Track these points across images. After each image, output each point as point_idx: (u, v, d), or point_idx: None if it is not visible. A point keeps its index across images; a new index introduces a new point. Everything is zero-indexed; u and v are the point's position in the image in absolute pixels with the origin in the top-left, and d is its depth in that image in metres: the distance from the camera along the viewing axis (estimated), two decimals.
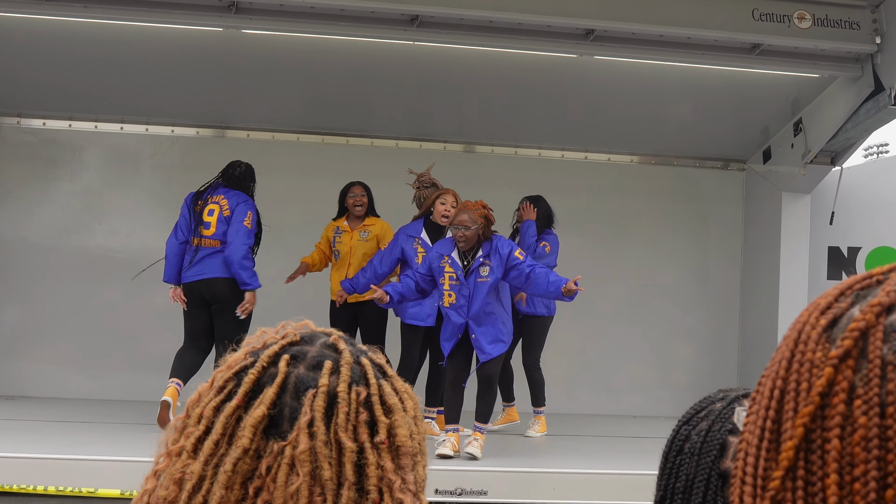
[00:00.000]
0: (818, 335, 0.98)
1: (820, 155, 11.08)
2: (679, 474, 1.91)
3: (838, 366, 0.94)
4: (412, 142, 12.05)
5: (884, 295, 0.96)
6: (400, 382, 1.50)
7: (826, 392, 0.94)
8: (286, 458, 1.36)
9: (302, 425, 1.37)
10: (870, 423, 0.91)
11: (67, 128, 11.77)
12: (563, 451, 9.14)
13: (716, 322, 12.53)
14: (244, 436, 1.37)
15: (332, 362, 1.44)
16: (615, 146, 12.41)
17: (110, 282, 11.67)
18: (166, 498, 1.39)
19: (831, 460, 0.92)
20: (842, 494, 0.91)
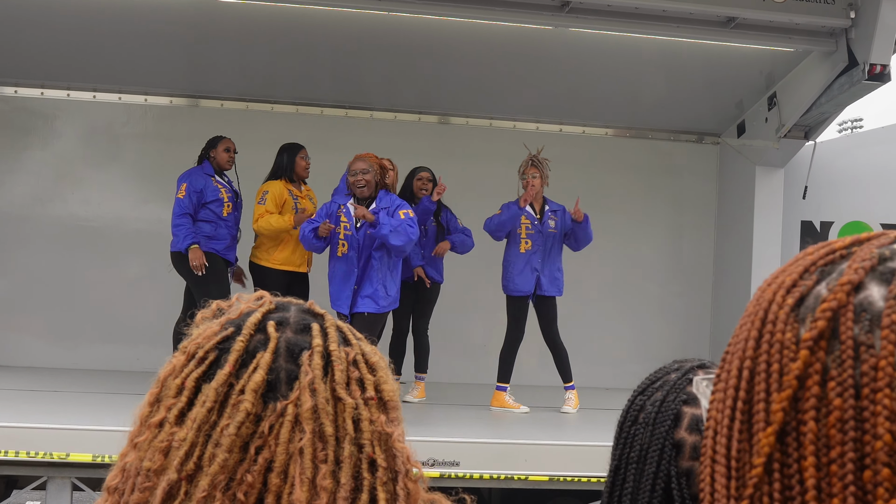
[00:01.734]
0: (786, 315, 0.98)
1: (794, 129, 11.12)
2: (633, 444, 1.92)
3: (812, 348, 0.94)
4: (386, 112, 12.04)
5: (852, 272, 0.95)
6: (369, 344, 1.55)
7: (802, 375, 0.94)
8: (289, 416, 1.39)
9: (304, 384, 1.41)
10: (845, 405, 0.91)
11: (39, 96, 11.70)
12: (535, 422, 9.18)
13: (689, 295, 12.59)
14: (246, 400, 1.40)
15: (319, 324, 1.49)
16: (590, 119, 12.43)
17: (83, 251, 11.63)
18: (150, 468, 1.41)
19: (808, 443, 0.92)
20: (819, 477, 0.92)
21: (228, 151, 9.81)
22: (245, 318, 1.49)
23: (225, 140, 9.86)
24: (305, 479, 1.37)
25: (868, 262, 0.96)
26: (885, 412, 0.89)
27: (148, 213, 11.63)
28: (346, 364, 1.45)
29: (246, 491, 1.37)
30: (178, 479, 1.38)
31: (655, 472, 1.86)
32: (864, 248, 0.99)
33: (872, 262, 0.96)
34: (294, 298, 1.58)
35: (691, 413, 1.89)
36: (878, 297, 0.93)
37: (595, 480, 7.44)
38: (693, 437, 1.86)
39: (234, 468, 1.38)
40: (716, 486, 1.01)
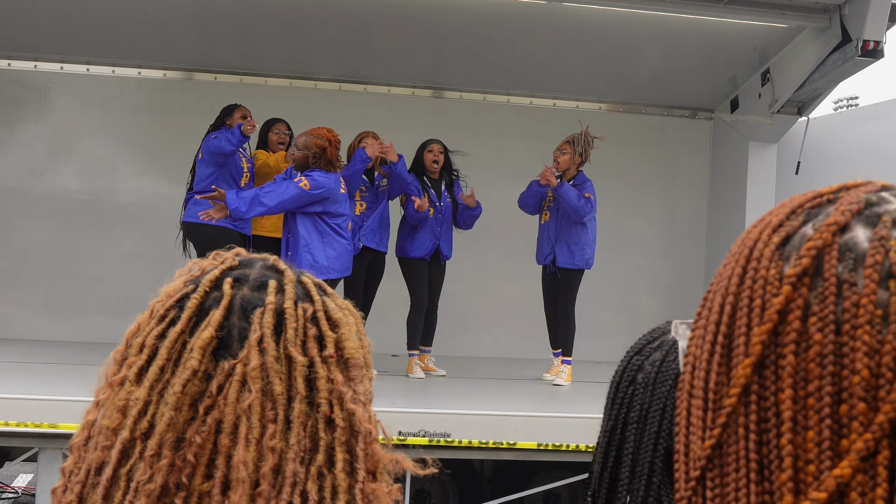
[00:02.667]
0: (771, 253, 0.99)
1: (787, 105, 11.11)
2: (632, 404, 1.92)
3: (795, 284, 0.96)
4: (380, 86, 12.01)
5: (839, 214, 0.97)
6: (340, 299, 1.52)
7: (783, 310, 0.96)
8: (237, 375, 1.37)
9: (252, 342, 1.38)
10: (825, 340, 0.93)
11: (33, 68, 11.66)
12: (525, 394, 9.20)
13: (682, 270, 12.59)
14: (193, 357, 1.38)
15: (276, 282, 1.46)
16: (583, 93, 12.39)
17: (78, 225, 11.62)
18: (109, 426, 1.39)
19: (786, 376, 0.94)
20: (795, 409, 0.93)
21: (246, 118, 9.83)
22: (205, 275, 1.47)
23: (242, 107, 9.85)
24: (253, 439, 1.34)
25: (855, 206, 0.98)
26: (864, 348, 0.91)
27: (142, 187, 11.64)
28: (302, 321, 1.42)
29: (196, 452, 1.35)
30: (131, 437, 1.37)
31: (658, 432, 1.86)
32: (850, 193, 1.01)
33: (859, 206, 0.98)
34: (268, 255, 1.55)
35: None
36: (863, 238, 0.95)
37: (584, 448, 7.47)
38: None
39: (183, 427, 1.36)
40: (691, 420, 1.03)
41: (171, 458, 1.35)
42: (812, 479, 0.92)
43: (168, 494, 1.35)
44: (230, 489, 1.34)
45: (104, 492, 1.37)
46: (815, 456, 0.92)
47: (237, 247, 1.58)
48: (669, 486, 1.82)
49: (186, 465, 1.35)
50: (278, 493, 1.34)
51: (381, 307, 10.26)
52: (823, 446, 0.92)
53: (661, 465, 1.83)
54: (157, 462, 1.35)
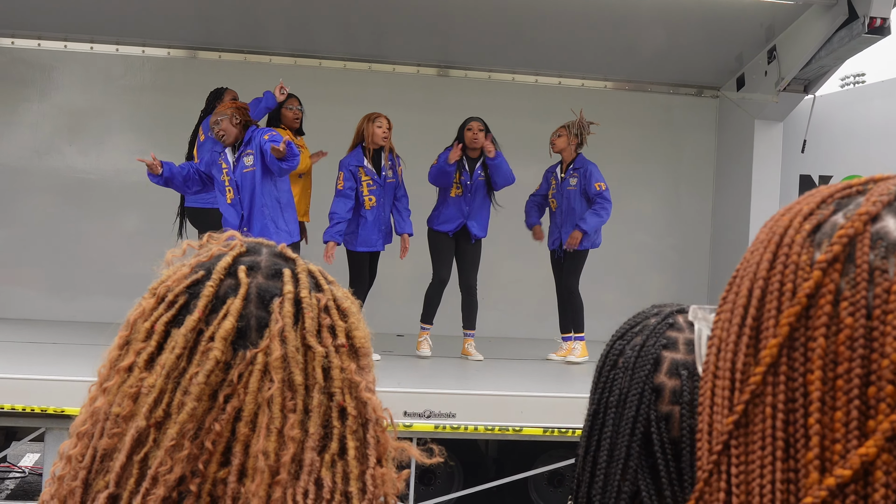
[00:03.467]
0: (802, 239, 1.01)
1: (793, 83, 11.08)
2: (613, 388, 1.93)
3: (826, 269, 0.98)
4: (385, 65, 12.00)
5: (870, 204, 0.99)
6: (342, 288, 1.53)
7: (813, 294, 0.98)
8: (258, 364, 1.38)
9: (274, 332, 1.39)
10: (856, 324, 0.95)
11: (36, 47, 11.65)
12: (531, 375, 9.21)
13: (687, 249, 12.59)
14: (216, 347, 1.38)
15: (290, 270, 1.47)
16: (589, 72, 12.38)
17: (82, 203, 11.63)
18: (119, 413, 1.39)
19: (816, 357, 0.96)
20: (824, 390, 0.96)
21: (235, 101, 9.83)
22: (216, 262, 1.47)
23: (230, 91, 9.86)
24: (273, 429, 1.36)
25: (886, 197, 1.00)
26: (894, 332, 0.94)
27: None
28: (317, 311, 1.43)
29: (214, 440, 1.36)
30: (146, 426, 1.37)
31: (635, 416, 1.87)
32: (880, 185, 1.03)
33: (890, 197, 1.00)
34: (266, 240, 1.55)
35: (671, 358, 1.90)
36: (893, 227, 0.98)
37: None
38: (672, 382, 1.87)
39: (202, 416, 1.37)
40: (716, 400, 1.05)
41: (190, 448, 1.36)
42: (838, 458, 0.95)
43: (184, 482, 1.36)
44: (247, 477, 1.35)
45: (117, 478, 1.37)
46: (842, 436, 0.95)
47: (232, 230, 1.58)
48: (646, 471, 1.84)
49: (203, 453, 1.36)
50: (296, 481, 1.36)
51: (387, 286, 10.27)
52: (851, 426, 0.94)
53: (637, 449, 1.85)
54: (178, 452, 1.36)
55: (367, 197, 9.46)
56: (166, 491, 1.34)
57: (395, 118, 9.74)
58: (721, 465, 1.02)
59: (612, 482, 1.86)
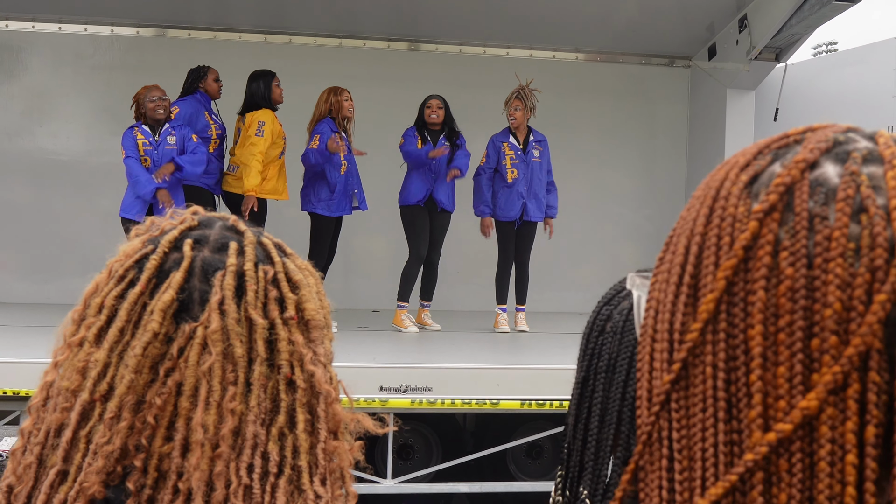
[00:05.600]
0: (739, 191, 0.99)
1: (764, 51, 11.09)
2: (601, 353, 1.92)
3: (763, 219, 0.95)
4: (355, 40, 11.94)
5: (807, 152, 0.97)
6: (300, 260, 1.52)
7: (750, 245, 0.95)
8: (198, 338, 1.37)
9: (213, 305, 1.38)
10: (797, 274, 0.93)
11: (4, 28, 11.56)
12: (507, 348, 9.22)
13: (661, 219, 12.59)
14: (153, 320, 1.37)
15: (237, 243, 1.45)
16: (560, 44, 12.35)
17: (54, 185, 11.56)
18: (69, 387, 1.39)
19: (756, 311, 0.94)
20: (766, 345, 0.93)
21: (218, 81, 9.81)
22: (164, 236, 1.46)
23: (213, 69, 9.83)
24: (213, 402, 1.35)
25: (823, 144, 0.98)
26: (836, 281, 0.91)
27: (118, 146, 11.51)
28: (262, 283, 1.42)
29: (156, 414, 1.35)
30: (90, 399, 1.37)
31: (625, 381, 1.87)
32: (818, 132, 1.01)
33: (828, 144, 0.98)
34: (226, 214, 1.54)
35: None
36: (833, 174, 0.95)
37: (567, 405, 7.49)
38: None
39: (143, 390, 1.36)
40: (654, 364, 1.02)
41: (130, 421, 1.35)
42: (782, 414, 0.92)
43: (127, 456, 1.35)
44: (189, 451, 1.34)
45: (64, 453, 1.37)
46: (785, 392, 0.92)
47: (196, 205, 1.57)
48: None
49: (146, 427, 1.35)
50: (238, 455, 1.35)
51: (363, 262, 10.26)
52: (795, 381, 0.92)
53: (629, 413, 1.84)
54: (116, 424, 1.35)
55: (343, 163, 9.58)
56: (106, 464, 1.34)
57: (366, 93, 9.74)
58: (662, 431, 1.00)
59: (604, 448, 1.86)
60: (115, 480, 1.35)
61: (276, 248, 1.49)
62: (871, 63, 11.84)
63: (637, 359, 1.06)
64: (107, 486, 1.35)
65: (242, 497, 1.33)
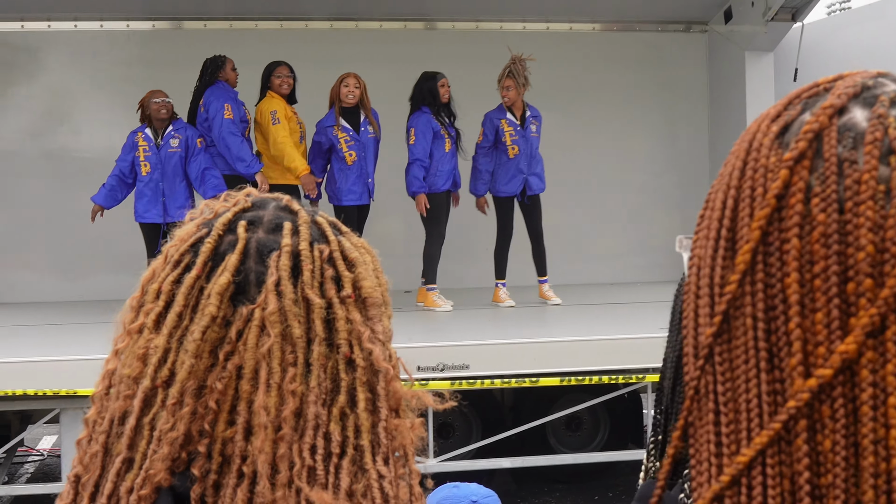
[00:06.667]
0: (770, 142, 0.99)
1: (780, 12, 11.02)
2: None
3: (793, 167, 0.96)
4: (371, 22, 11.93)
5: (835, 98, 0.98)
6: (356, 238, 1.51)
7: (782, 194, 0.96)
8: (256, 320, 1.36)
9: (269, 286, 1.37)
10: (829, 220, 0.93)
11: (20, 29, 11.58)
12: (541, 321, 9.23)
13: (687, 184, 12.55)
14: (211, 304, 1.37)
15: (291, 223, 1.44)
16: (576, 15, 12.32)
17: (78, 183, 11.55)
18: (130, 375, 1.39)
19: (791, 259, 0.94)
20: (802, 292, 0.93)
21: (235, 70, 9.83)
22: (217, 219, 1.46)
23: (229, 59, 9.84)
24: (273, 384, 1.34)
25: (851, 90, 0.99)
26: (867, 223, 0.92)
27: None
28: (318, 263, 1.41)
29: (217, 398, 1.35)
30: (152, 386, 1.37)
31: None
32: (846, 79, 1.02)
33: (855, 89, 0.99)
34: (279, 195, 1.53)
35: None
36: (861, 118, 0.96)
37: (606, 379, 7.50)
38: None
39: (204, 374, 1.36)
40: (699, 320, 1.02)
41: (192, 406, 1.35)
42: (822, 360, 0.92)
43: (191, 442, 1.36)
44: (252, 434, 1.34)
45: (129, 441, 1.37)
46: (824, 337, 0.93)
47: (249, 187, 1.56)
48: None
49: (208, 413, 1.35)
50: (301, 437, 1.35)
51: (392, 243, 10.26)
52: (833, 326, 0.92)
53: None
54: (179, 410, 1.35)
55: (348, 153, 9.64)
56: (171, 450, 1.34)
57: (384, 75, 9.74)
58: (708, 385, 1.00)
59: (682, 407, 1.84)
60: (180, 467, 1.35)
61: (331, 227, 1.48)
62: (888, 18, 11.77)
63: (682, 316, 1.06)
64: (172, 472, 1.35)
65: (306, 478, 1.33)
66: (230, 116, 9.44)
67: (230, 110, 9.46)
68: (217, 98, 9.53)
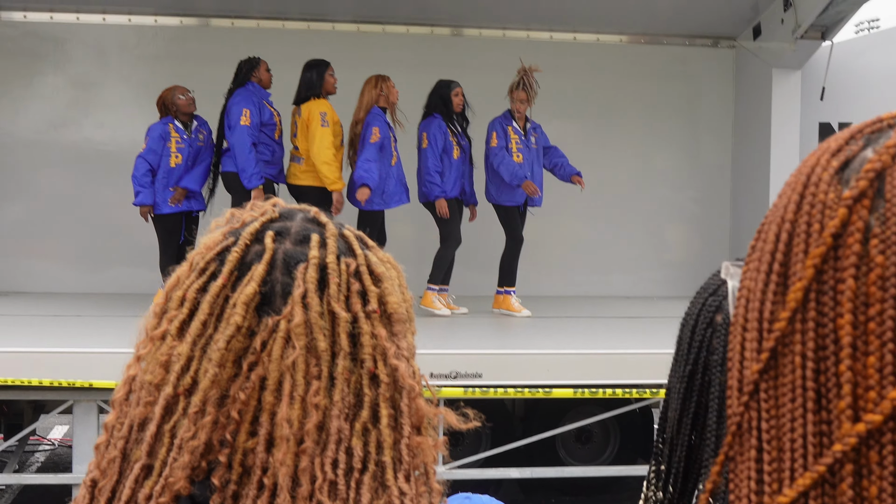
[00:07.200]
0: (830, 177, 0.96)
1: (810, 30, 10.97)
2: (713, 347, 1.87)
3: (853, 206, 0.93)
4: (399, 26, 11.94)
5: None
6: (381, 252, 1.50)
7: (839, 233, 0.93)
8: (281, 331, 1.36)
9: (296, 298, 1.37)
10: (887, 262, 0.90)
11: (49, 20, 11.63)
12: (556, 332, 9.20)
13: (707, 201, 12.54)
14: (236, 313, 1.36)
15: (319, 235, 1.44)
16: (604, 26, 12.30)
17: (100, 175, 11.63)
18: (152, 381, 1.39)
19: (845, 300, 0.91)
20: (855, 335, 0.91)
21: (269, 71, 9.83)
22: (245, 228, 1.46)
23: (263, 60, 9.83)
24: (297, 396, 1.34)
25: None
26: None
27: None
28: (345, 276, 1.41)
29: (240, 409, 1.35)
30: (174, 393, 1.37)
31: None
32: None
33: None
34: (307, 206, 1.53)
35: None
36: None
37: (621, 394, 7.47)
38: None
39: (227, 384, 1.36)
40: (745, 354, 1.00)
41: (214, 415, 1.35)
42: (873, 405, 0.90)
43: (212, 451, 1.35)
44: (274, 446, 1.34)
45: (148, 448, 1.37)
46: (875, 382, 0.90)
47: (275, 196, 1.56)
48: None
49: (230, 422, 1.35)
50: (323, 450, 1.34)
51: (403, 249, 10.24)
52: (885, 371, 0.89)
53: None
54: (201, 419, 1.35)
55: (394, 154, 9.71)
56: (191, 459, 1.34)
57: (410, 79, 9.76)
58: (752, 421, 0.98)
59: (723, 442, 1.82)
60: (199, 476, 1.35)
61: (357, 241, 1.48)
62: None
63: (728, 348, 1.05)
64: (192, 481, 1.35)
65: (328, 493, 1.32)
66: (247, 122, 9.42)
67: (248, 116, 9.43)
68: (238, 102, 9.52)
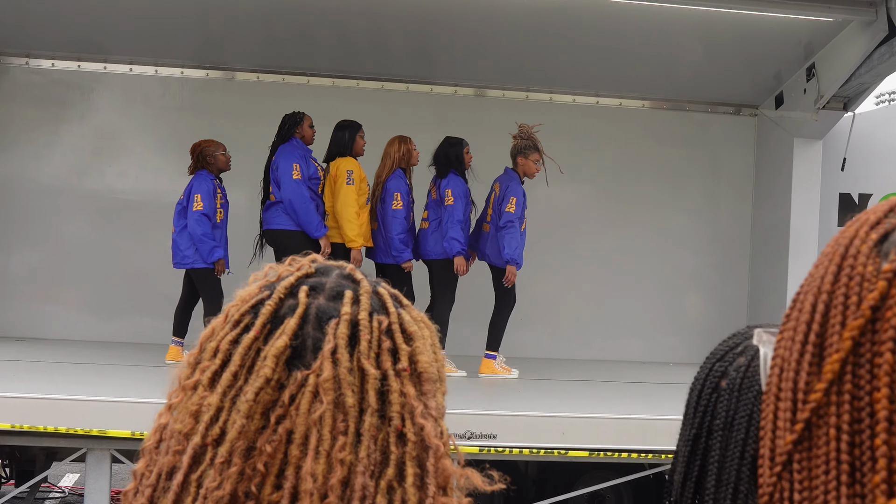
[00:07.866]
0: (868, 249, 0.96)
1: (832, 100, 11.00)
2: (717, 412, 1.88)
3: (892, 279, 0.93)
4: (422, 85, 12.00)
5: None
6: (416, 311, 1.50)
7: (878, 305, 0.93)
8: (310, 386, 1.36)
9: (326, 353, 1.37)
10: None
11: (76, 69, 11.73)
12: (571, 395, 9.16)
13: (725, 268, 12.51)
14: (266, 366, 1.37)
15: (353, 292, 1.44)
16: (627, 91, 12.35)
17: (120, 224, 11.68)
18: (181, 430, 1.39)
19: (882, 374, 0.91)
20: (892, 409, 0.90)
21: (312, 127, 9.89)
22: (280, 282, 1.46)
23: (307, 116, 9.91)
24: (322, 451, 1.33)
25: None
26: None
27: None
28: (376, 333, 1.41)
29: (266, 461, 1.34)
30: (202, 443, 1.37)
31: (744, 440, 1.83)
32: None
33: None
34: (343, 262, 1.54)
35: None
36: None
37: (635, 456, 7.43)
38: None
39: (254, 436, 1.36)
40: (778, 423, 1.00)
41: (240, 466, 1.34)
42: None
43: (237, 502, 1.35)
44: (298, 500, 1.33)
45: (174, 497, 1.37)
46: None
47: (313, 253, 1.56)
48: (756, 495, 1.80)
49: (256, 474, 1.34)
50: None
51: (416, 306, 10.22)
52: None
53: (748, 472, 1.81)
54: (226, 469, 1.35)
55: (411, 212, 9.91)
56: None
57: (432, 138, 9.78)
58: (784, 492, 0.98)
59: None
60: None
61: (391, 299, 1.48)
62: None
63: (761, 417, 1.04)
64: None
65: None
66: (298, 177, 9.50)
67: (298, 170, 9.52)
68: (286, 158, 9.60)
